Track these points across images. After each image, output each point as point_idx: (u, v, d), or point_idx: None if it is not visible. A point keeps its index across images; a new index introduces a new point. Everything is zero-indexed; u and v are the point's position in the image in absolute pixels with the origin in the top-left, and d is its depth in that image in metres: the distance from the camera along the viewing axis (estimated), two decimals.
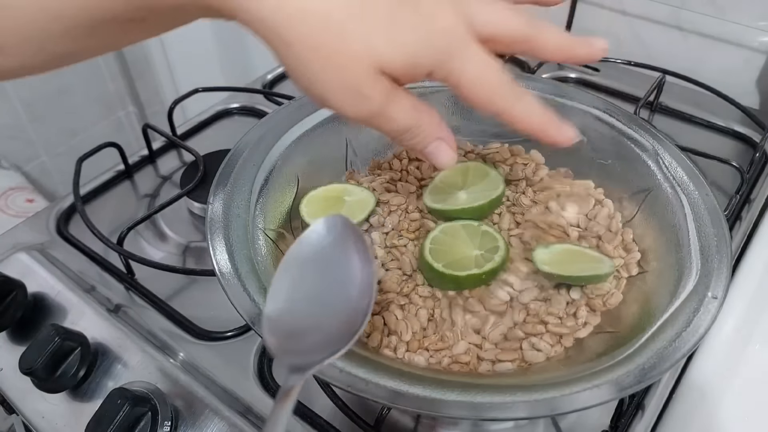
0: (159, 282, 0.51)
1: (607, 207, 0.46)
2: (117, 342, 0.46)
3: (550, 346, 0.38)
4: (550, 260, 0.40)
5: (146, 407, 0.40)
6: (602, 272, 0.40)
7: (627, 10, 0.75)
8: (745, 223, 0.55)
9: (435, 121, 0.30)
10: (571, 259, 0.41)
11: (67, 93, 1.18)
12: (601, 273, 0.40)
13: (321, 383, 0.42)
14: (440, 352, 0.38)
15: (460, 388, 0.31)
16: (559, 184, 0.48)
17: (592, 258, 0.41)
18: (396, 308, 0.41)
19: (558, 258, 0.41)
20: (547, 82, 0.51)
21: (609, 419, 0.41)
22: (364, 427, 0.41)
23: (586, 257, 0.41)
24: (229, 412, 0.42)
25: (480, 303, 0.40)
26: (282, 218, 0.44)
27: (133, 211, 0.58)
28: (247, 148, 0.44)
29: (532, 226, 0.45)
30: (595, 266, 0.40)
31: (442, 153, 0.31)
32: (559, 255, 0.41)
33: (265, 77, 0.74)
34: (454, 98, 0.51)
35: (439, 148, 0.31)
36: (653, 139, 0.45)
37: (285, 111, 0.48)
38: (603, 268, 0.40)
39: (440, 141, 0.30)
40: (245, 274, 0.36)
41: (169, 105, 0.63)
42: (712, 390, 0.41)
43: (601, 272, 0.40)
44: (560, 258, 0.41)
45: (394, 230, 0.45)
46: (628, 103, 0.69)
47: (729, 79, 0.71)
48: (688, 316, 0.34)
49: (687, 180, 0.42)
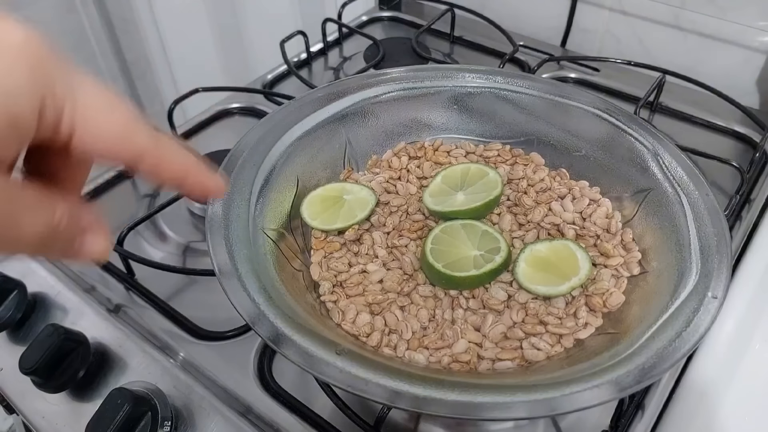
0: (159, 282, 0.51)
1: (605, 207, 0.46)
2: (117, 342, 0.46)
3: (550, 346, 0.38)
4: (523, 271, 0.41)
5: (146, 407, 0.40)
6: (560, 293, 0.40)
7: (627, 10, 0.75)
8: (745, 223, 0.55)
9: (73, 207, 0.21)
10: (545, 268, 0.41)
11: None
12: (556, 294, 0.40)
13: (321, 383, 0.42)
14: (440, 351, 0.38)
15: (460, 388, 0.31)
16: (558, 184, 0.48)
17: (562, 273, 0.41)
18: (396, 309, 0.41)
19: (532, 269, 0.41)
20: (547, 82, 0.51)
21: (609, 419, 0.41)
22: (364, 427, 0.41)
23: (559, 270, 0.41)
24: (229, 412, 0.42)
25: (480, 302, 0.41)
26: (282, 218, 0.44)
27: (133, 211, 0.58)
28: (247, 148, 0.44)
29: (535, 227, 0.45)
30: (558, 286, 0.40)
31: (93, 244, 0.22)
32: (536, 263, 0.41)
33: (265, 77, 0.74)
34: (454, 98, 0.51)
35: (89, 240, 0.22)
36: (653, 138, 0.45)
37: (285, 111, 0.48)
38: (562, 290, 0.40)
39: (87, 229, 0.22)
40: (245, 274, 0.36)
41: (169, 105, 0.63)
42: (712, 390, 0.41)
43: (558, 293, 0.40)
44: (535, 268, 0.41)
45: (395, 230, 0.45)
46: (628, 103, 0.69)
47: (729, 79, 0.71)
48: (688, 316, 0.34)
49: (687, 180, 0.42)
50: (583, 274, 0.40)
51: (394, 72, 0.51)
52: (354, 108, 0.49)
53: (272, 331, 0.33)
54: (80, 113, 0.19)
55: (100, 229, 0.23)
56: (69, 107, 0.19)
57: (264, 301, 0.35)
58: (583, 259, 0.41)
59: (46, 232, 0.20)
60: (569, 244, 0.42)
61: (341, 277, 0.43)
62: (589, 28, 0.79)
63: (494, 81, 0.51)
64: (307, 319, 0.35)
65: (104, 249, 0.23)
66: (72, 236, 0.22)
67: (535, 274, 0.41)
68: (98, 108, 0.20)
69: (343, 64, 0.77)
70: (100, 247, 0.23)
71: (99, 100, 0.20)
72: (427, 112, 0.52)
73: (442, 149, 0.51)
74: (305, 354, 0.32)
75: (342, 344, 0.33)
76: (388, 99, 0.50)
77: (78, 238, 0.22)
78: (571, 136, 0.49)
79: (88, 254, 0.22)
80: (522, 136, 0.51)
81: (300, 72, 0.72)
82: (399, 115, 0.51)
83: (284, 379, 0.45)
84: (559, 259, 0.41)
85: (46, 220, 0.20)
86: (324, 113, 0.48)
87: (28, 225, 0.19)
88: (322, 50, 0.79)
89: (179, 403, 0.43)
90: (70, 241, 0.22)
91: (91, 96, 0.20)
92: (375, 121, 0.51)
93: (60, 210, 0.20)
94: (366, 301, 0.41)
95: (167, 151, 0.22)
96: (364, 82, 0.50)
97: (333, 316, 0.40)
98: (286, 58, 0.72)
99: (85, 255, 0.22)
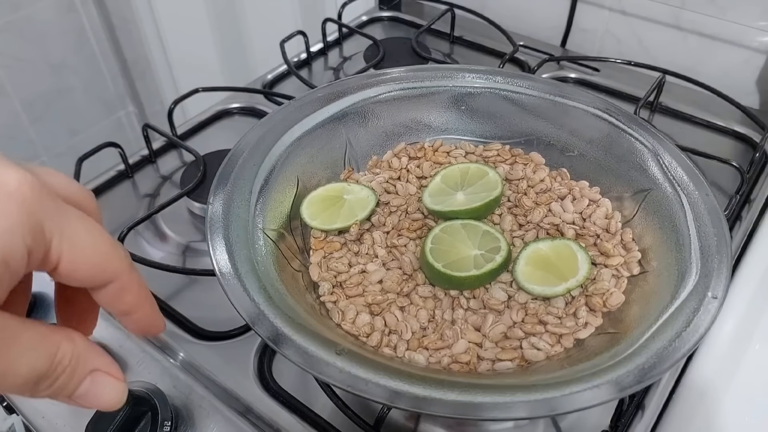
0: (159, 282, 0.51)
1: (605, 207, 0.46)
2: (117, 342, 0.46)
3: (550, 345, 0.38)
4: (522, 269, 0.41)
5: (146, 407, 0.40)
6: (555, 293, 0.40)
7: (627, 10, 0.75)
8: (745, 223, 0.55)
9: (82, 344, 0.21)
10: (545, 267, 0.41)
11: (67, 93, 1.18)
12: (551, 294, 0.40)
13: (321, 383, 0.42)
14: (440, 351, 0.38)
15: (460, 388, 0.31)
16: (558, 185, 0.48)
17: (561, 274, 0.41)
18: (396, 309, 0.41)
19: (531, 268, 0.41)
20: (547, 82, 0.51)
21: (609, 419, 0.41)
22: (364, 427, 0.41)
23: (558, 270, 0.41)
24: (229, 412, 0.42)
25: (480, 302, 0.41)
26: (282, 218, 0.44)
27: (133, 211, 0.58)
28: (247, 148, 0.44)
29: (534, 228, 0.45)
30: (554, 287, 0.40)
31: (102, 389, 0.22)
32: (536, 262, 0.41)
33: (265, 77, 0.74)
34: (454, 98, 0.51)
35: (97, 383, 0.22)
36: (653, 138, 0.45)
37: (285, 111, 0.48)
38: (558, 291, 0.40)
39: (96, 373, 0.22)
40: (245, 274, 0.36)
41: (169, 105, 0.63)
42: (712, 390, 0.41)
43: (554, 294, 0.40)
44: (534, 267, 0.41)
45: (394, 229, 0.45)
46: (628, 103, 0.69)
47: (729, 79, 0.71)
48: (688, 316, 0.34)
49: (687, 180, 0.42)
50: (582, 276, 0.40)
51: (394, 72, 0.51)
52: (354, 108, 0.49)
53: (272, 331, 0.33)
54: (66, 247, 0.20)
55: (111, 373, 0.22)
56: (56, 241, 0.20)
57: (264, 301, 0.35)
58: (583, 260, 0.41)
59: (43, 370, 0.20)
60: (571, 244, 0.42)
61: (341, 277, 0.43)
62: (589, 28, 0.79)
63: (494, 81, 0.51)
64: (307, 319, 0.35)
65: (115, 397, 0.22)
66: (74, 378, 0.21)
67: (533, 273, 0.41)
68: (82, 240, 0.21)
69: (343, 64, 0.77)
70: (110, 394, 0.22)
71: (82, 233, 0.21)
72: (427, 112, 0.52)
73: (442, 149, 0.51)
74: (305, 354, 0.32)
75: (342, 344, 0.33)
76: (388, 99, 0.50)
77: (83, 380, 0.21)
78: (571, 136, 0.49)
79: (95, 400, 0.22)
80: (522, 136, 0.51)
81: (300, 72, 0.72)
82: (399, 115, 0.51)
83: (284, 379, 0.45)
84: (560, 259, 0.41)
85: (45, 359, 0.20)
86: (324, 113, 0.48)
87: (24, 364, 0.19)
88: (322, 50, 0.79)
89: (179, 403, 0.43)
90: (72, 384, 0.21)
91: (75, 229, 0.21)
92: (375, 121, 0.51)
93: (63, 349, 0.21)
94: (366, 301, 0.41)
95: (134, 280, 0.23)
96: (364, 82, 0.50)
97: (333, 317, 0.40)
98: (286, 58, 0.72)
99: (91, 401, 0.22)
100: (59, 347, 0.20)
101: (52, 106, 1.17)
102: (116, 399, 0.22)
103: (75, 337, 0.21)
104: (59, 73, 1.16)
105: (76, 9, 1.14)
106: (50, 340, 0.20)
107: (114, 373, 0.22)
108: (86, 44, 1.18)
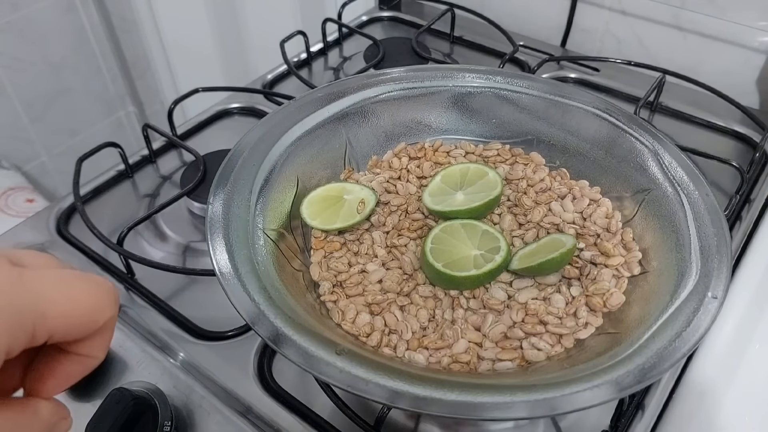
0: (159, 282, 0.51)
1: (605, 206, 0.46)
2: (117, 342, 0.46)
3: (550, 345, 0.38)
4: (520, 257, 0.42)
5: (146, 407, 0.40)
6: (556, 255, 0.40)
7: (627, 10, 0.75)
8: (745, 223, 0.55)
9: (46, 413, 0.25)
10: (540, 250, 0.42)
11: (67, 93, 1.19)
12: (555, 256, 0.40)
13: (321, 383, 0.42)
14: (440, 351, 0.38)
15: (460, 388, 0.31)
16: (558, 184, 0.48)
17: (555, 245, 0.41)
18: (396, 309, 0.41)
19: (529, 253, 0.42)
20: (547, 82, 0.51)
21: (609, 419, 0.41)
22: (364, 427, 0.41)
23: (553, 246, 0.42)
24: (229, 412, 0.42)
25: (480, 302, 0.41)
26: (282, 218, 0.44)
27: (133, 211, 0.58)
28: (247, 148, 0.44)
29: (534, 227, 0.45)
30: (553, 251, 0.41)
31: None
32: (532, 251, 0.42)
33: (265, 77, 0.74)
34: (454, 98, 0.51)
35: None
36: (653, 138, 0.45)
37: (285, 111, 0.48)
38: (555, 253, 0.40)
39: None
40: (245, 274, 0.36)
41: (169, 105, 0.63)
42: (712, 390, 0.41)
43: (555, 255, 0.40)
44: (531, 252, 0.42)
45: (394, 229, 0.45)
46: (628, 103, 0.69)
47: (729, 79, 0.71)
48: (688, 316, 0.34)
49: (687, 180, 0.42)
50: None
51: (394, 72, 0.51)
52: (354, 108, 0.49)
53: (272, 331, 0.33)
54: (50, 321, 0.22)
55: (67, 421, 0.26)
56: (39, 323, 0.22)
57: (264, 301, 0.35)
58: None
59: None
60: (553, 235, 0.43)
61: (341, 277, 0.43)
62: (589, 28, 0.79)
63: (494, 81, 0.51)
64: (307, 319, 0.35)
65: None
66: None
67: (523, 261, 0.42)
68: (64, 308, 0.23)
69: (343, 64, 0.77)
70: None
71: (63, 301, 0.23)
72: (427, 112, 0.52)
73: (442, 149, 0.51)
74: (305, 354, 0.32)
75: (342, 344, 0.33)
76: (388, 99, 0.50)
77: None
78: (571, 136, 0.49)
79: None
80: (522, 136, 0.51)
81: (300, 72, 0.72)
82: (399, 115, 0.51)
83: (284, 379, 0.45)
84: (544, 246, 0.42)
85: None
86: (324, 113, 0.48)
87: None
88: (322, 50, 0.79)
89: (179, 403, 0.43)
90: None
91: (55, 302, 0.22)
92: (375, 121, 0.51)
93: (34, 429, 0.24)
94: (366, 301, 0.41)
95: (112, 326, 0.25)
96: (364, 82, 0.50)
97: (333, 316, 0.40)
98: (286, 58, 0.72)
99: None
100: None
101: (52, 106, 1.17)
102: None
103: (40, 409, 0.24)
104: (59, 73, 1.16)
105: (76, 9, 1.14)
106: (21, 424, 0.23)
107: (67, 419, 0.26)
108: (86, 44, 1.18)
